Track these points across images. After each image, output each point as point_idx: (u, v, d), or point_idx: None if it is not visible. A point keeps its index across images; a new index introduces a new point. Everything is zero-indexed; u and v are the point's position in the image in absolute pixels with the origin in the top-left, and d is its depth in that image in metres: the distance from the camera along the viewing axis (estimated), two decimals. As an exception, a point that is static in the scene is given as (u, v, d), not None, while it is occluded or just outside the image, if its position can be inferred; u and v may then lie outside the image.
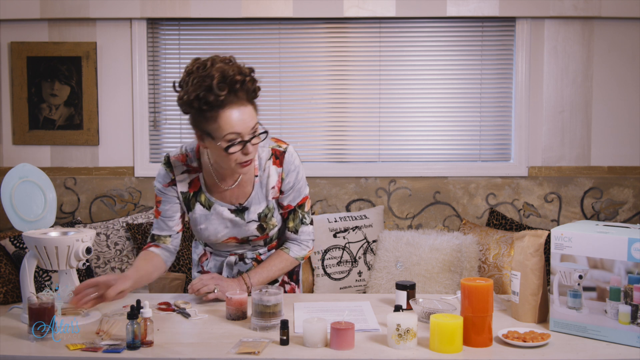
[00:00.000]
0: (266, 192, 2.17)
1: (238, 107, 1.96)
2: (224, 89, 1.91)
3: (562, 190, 3.73)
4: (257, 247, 2.27)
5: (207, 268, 2.31)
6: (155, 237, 2.21)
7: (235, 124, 1.94)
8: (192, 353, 1.70)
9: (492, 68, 3.74)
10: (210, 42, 3.76)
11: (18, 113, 3.72)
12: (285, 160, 2.17)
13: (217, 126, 1.93)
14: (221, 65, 1.93)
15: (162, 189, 2.19)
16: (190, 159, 2.18)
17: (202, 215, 2.17)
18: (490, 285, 1.76)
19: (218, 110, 1.92)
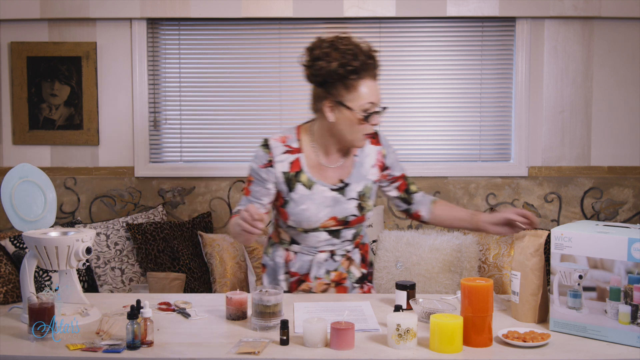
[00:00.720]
0: (365, 172, 2.26)
1: (373, 79, 2.12)
2: (370, 59, 2.09)
3: (562, 190, 3.73)
4: (345, 242, 2.29)
5: (294, 269, 2.28)
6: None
7: (373, 93, 2.10)
8: (192, 353, 1.70)
9: (492, 68, 3.74)
10: (210, 42, 3.76)
11: (18, 113, 3.72)
12: (382, 138, 2.33)
13: (357, 94, 2.08)
14: (351, 40, 2.09)
15: (257, 170, 2.20)
16: (290, 140, 2.23)
17: (304, 195, 2.19)
18: (490, 285, 1.76)
19: (359, 79, 2.08)
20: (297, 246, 2.28)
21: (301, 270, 2.28)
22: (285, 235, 2.29)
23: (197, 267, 3.42)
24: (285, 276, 2.30)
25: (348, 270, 2.31)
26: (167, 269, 3.36)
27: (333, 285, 2.29)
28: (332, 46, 2.08)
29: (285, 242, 2.30)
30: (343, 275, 2.30)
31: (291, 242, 2.29)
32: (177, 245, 3.44)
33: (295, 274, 2.28)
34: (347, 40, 2.09)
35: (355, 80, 2.07)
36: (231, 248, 3.44)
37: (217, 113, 3.80)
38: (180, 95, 3.78)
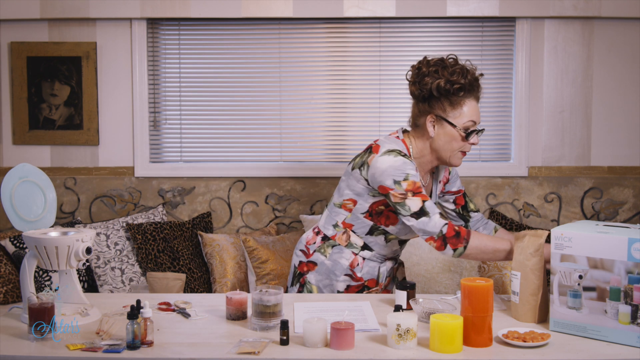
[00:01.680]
0: (437, 189, 2.41)
1: (476, 100, 2.24)
2: (477, 80, 2.23)
3: (562, 190, 3.73)
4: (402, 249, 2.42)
5: (360, 274, 2.32)
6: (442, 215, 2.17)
7: (474, 113, 2.22)
8: (192, 353, 1.70)
9: (492, 68, 3.74)
10: (210, 42, 3.76)
11: (18, 113, 3.72)
12: None
13: (460, 112, 2.21)
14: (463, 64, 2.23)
15: (417, 174, 2.18)
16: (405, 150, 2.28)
17: None
18: (490, 285, 1.76)
19: (465, 98, 2.20)
20: (368, 252, 2.33)
21: (366, 276, 2.33)
22: (357, 239, 2.32)
23: (197, 267, 3.42)
24: (345, 278, 2.32)
25: (394, 276, 2.46)
26: (167, 269, 3.36)
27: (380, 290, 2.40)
28: (440, 64, 2.21)
29: (355, 247, 2.32)
30: (389, 279, 2.42)
31: (363, 247, 2.32)
32: (177, 245, 3.44)
33: (360, 279, 2.32)
34: (455, 60, 2.22)
35: (461, 98, 2.19)
36: (231, 248, 3.44)
37: (217, 113, 3.80)
38: (180, 95, 3.78)
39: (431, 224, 2.10)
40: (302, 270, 2.37)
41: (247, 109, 3.78)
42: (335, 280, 2.31)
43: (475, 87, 2.22)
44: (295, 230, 3.73)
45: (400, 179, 2.14)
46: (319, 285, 2.34)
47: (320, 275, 2.34)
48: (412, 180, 2.14)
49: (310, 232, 2.44)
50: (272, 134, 3.79)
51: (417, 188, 2.14)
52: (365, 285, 2.33)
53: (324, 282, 2.33)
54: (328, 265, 2.33)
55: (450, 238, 2.09)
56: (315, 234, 2.40)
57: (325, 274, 2.33)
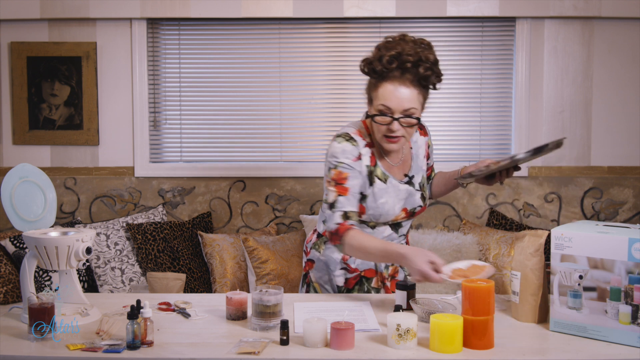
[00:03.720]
0: (420, 163, 2.32)
1: (399, 86, 2.08)
2: (392, 63, 2.05)
3: (562, 190, 3.73)
4: (401, 237, 2.33)
5: (354, 265, 2.29)
6: (349, 214, 2.12)
7: (389, 98, 2.07)
8: (192, 353, 1.70)
9: (492, 68, 3.74)
10: (210, 42, 3.76)
11: (18, 113, 3.72)
12: (427, 129, 2.40)
13: (376, 94, 2.10)
14: (404, 44, 2.07)
15: (352, 164, 2.15)
16: (364, 135, 2.23)
17: (382, 189, 2.20)
18: (491, 286, 1.76)
19: (380, 80, 2.09)
20: None
21: (362, 266, 2.29)
22: None
23: (197, 267, 3.42)
24: (341, 272, 2.30)
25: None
26: (167, 269, 3.36)
27: (389, 280, 2.34)
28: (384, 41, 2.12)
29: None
30: (396, 269, 2.36)
31: None
32: (177, 245, 3.44)
33: (355, 270, 2.29)
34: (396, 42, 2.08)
35: (377, 80, 2.10)
36: (231, 248, 3.44)
37: (217, 113, 3.80)
38: (180, 95, 3.78)
39: (331, 218, 2.13)
40: (306, 270, 2.38)
41: (247, 109, 3.78)
42: (333, 275, 2.31)
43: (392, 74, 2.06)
44: (296, 230, 3.73)
45: (332, 167, 2.16)
46: (320, 282, 2.34)
47: (319, 272, 2.34)
48: (340, 169, 2.14)
49: (310, 232, 2.44)
50: (272, 134, 3.79)
51: (341, 179, 2.13)
52: (363, 276, 2.30)
53: (324, 279, 2.33)
54: (323, 260, 2.33)
55: (333, 234, 2.12)
56: (313, 233, 2.41)
57: (323, 270, 2.33)
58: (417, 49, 2.07)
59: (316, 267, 2.35)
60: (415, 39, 2.11)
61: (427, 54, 2.08)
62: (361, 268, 2.30)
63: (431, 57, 2.09)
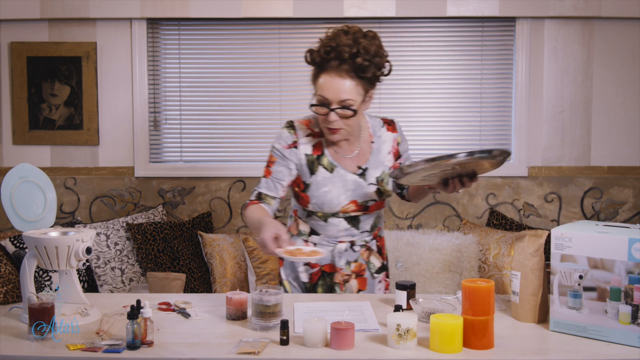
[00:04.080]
0: (382, 158, 2.27)
1: (335, 76, 2.07)
2: (330, 54, 2.06)
3: (562, 190, 3.73)
4: (364, 233, 2.29)
5: (315, 260, 2.28)
6: (262, 195, 2.20)
7: (325, 89, 2.08)
8: (192, 353, 1.70)
9: (492, 68, 3.74)
10: (210, 42, 3.76)
11: (18, 113, 3.72)
12: (398, 126, 2.34)
13: (316, 84, 2.12)
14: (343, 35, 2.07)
15: (282, 150, 2.21)
16: (313, 124, 2.24)
17: (326, 178, 2.20)
18: (491, 286, 1.76)
19: (319, 70, 2.10)
20: (316, 237, 2.29)
21: (322, 261, 2.28)
22: (304, 226, 2.30)
23: (197, 267, 3.42)
24: (304, 267, 2.30)
25: (368, 261, 2.32)
26: (167, 269, 3.36)
27: (354, 277, 2.30)
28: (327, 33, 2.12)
29: (304, 234, 2.31)
30: (363, 267, 2.31)
31: (310, 233, 2.30)
32: (177, 245, 3.44)
33: (316, 265, 2.29)
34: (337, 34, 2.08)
35: (317, 70, 2.11)
36: (231, 248, 3.44)
37: (217, 113, 3.80)
38: (180, 95, 3.78)
39: (252, 194, 2.23)
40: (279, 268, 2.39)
41: (247, 108, 3.78)
42: (298, 272, 2.31)
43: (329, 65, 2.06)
44: (295, 230, 3.73)
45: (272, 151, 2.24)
46: (289, 279, 2.34)
47: (287, 269, 2.35)
48: (272, 153, 2.23)
49: None
50: (272, 134, 3.76)
51: (270, 162, 2.23)
52: (323, 271, 2.29)
53: (292, 276, 2.33)
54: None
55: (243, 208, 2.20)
56: None
57: (290, 268, 2.34)
58: (358, 40, 2.05)
59: (285, 264, 2.36)
60: (358, 30, 2.09)
61: (367, 45, 2.05)
62: (322, 263, 2.28)
63: (371, 48, 2.06)
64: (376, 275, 2.34)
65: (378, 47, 2.09)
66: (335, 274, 2.28)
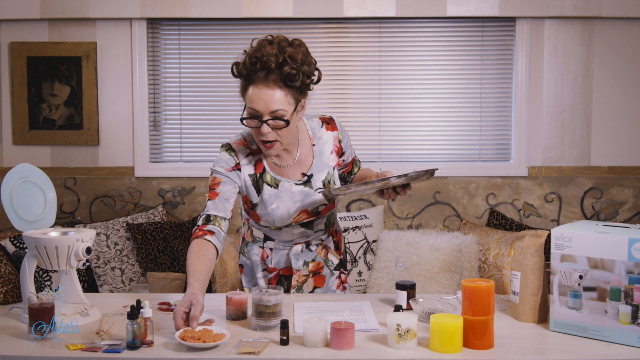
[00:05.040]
0: (325, 159, 2.23)
1: (263, 87, 2.01)
2: (256, 65, 2.00)
3: (562, 190, 3.73)
4: (319, 232, 2.27)
5: (272, 265, 2.27)
6: (212, 217, 2.10)
7: (255, 101, 2.02)
8: (192, 353, 1.70)
9: (492, 68, 3.74)
10: (210, 42, 3.76)
11: (18, 113, 3.72)
12: (337, 123, 2.29)
13: (245, 97, 2.06)
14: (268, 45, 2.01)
15: (225, 172, 2.15)
16: (249, 142, 2.20)
17: (272, 195, 2.16)
18: (491, 286, 1.76)
19: (247, 83, 2.05)
20: (272, 242, 2.27)
21: (279, 265, 2.27)
22: (258, 233, 2.29)
23: (197, 267, 3.42)
24: (263, 273, 2.30)
25: (325, 259, 2.31)
26: (167, 269, 3.36)
27: (311, 276, 2.29)
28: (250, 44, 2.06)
29: (259, 240, 2.29)
30: (320, 265, 2.30)
31: (265, 239, 2.28)
32: (177, 245, 3.44)
33: (274, 269, 2.28)
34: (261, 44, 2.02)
35: (244, 83, 2.06)
36: (231, 248, 3.44)
37: (217, 113, 3.80)
38: (180, 95, 3.78)
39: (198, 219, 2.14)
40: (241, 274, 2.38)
41: (247, 109, 3.78)
42: (257, 278, 2.30)
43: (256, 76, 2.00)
44: (295, 230, 3.73)
45: (210, 174, 2.17)
46: (249, 286, 2.32)
47: (246, 276, 2.34)
48: (214, 175, 2.15)
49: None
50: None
51: (214, 184, 2.14)
52: (281, 275, 2.28)
53: (252, 282, 2.32)
54: (249, 264, 2.32)
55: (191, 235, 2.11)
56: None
57: (250, 274, 2.33)
58: (283, 49, 2.00)
59: (245, 272, 2.35)
60: (283, 39, 2.04)
61: (293, 53, 2.00)
62: (279, 267, 2.28)
63: (298, 56, 2.00)
64: (335, 272, 2.34)
65: (304, 54, 2.03)
66: (292, 276, 2.27)
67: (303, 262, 2.27)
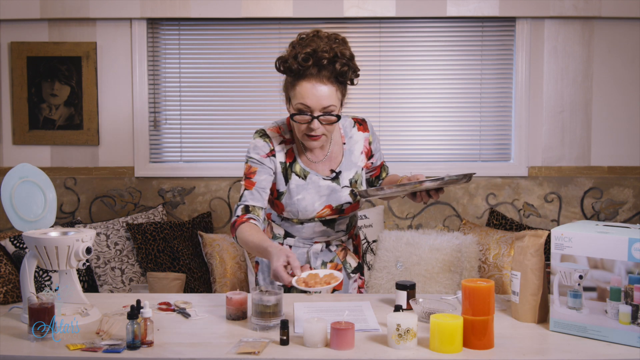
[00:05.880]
0: (355, 159, 2.25)
1: (316, 82, 2.03)
2: (308, 61, 2.01)
3: (562, 190, 3.73)
4: (340, 232, 2.28)
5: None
6: (251, 207, 2.11)
7: (307, 97, 2.03)
8: (192, 353, 1.70)
9: (492, 68, 3.74)
10: (210, 42, 3.76)
11: (18, 113, 3.72)
12: (369, 125, 2.31)
13: (294, 93, 2.06)
14: (318, 40, 2.03)
15: (261, 159, 2.15)
16: (283, 131, 2.21)
17: (299, 186, 2.17)
18: (491, 286, 1.76)
19: (297, 79, 2.04)
20: (292, 239, 2.27)
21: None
22: (279, 229, 2.28)
23: (197, 267, 3.42)
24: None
25: (344, 261, 2.31)
26: (167, 269, 3.36)
27: None
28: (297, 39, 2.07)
29: (279, 237, 2.29)
30: (339, 267, 2.30)
31: (285, 235, 2.28)
32: (177, 245, 3.44)
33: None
34: (311, 39, 2.04)
35: (295, 79, 2.05)
36: (231, 248, 3.44)
37: (217, 113, 3.80)
38: (180, 95, 3.78)
39: (235, 211, 2.15)
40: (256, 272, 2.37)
41: (247, 109, 3.78)
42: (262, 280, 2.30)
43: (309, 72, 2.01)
44: (295, 230, 3.73)
45: (245, 161, 2.19)
46: (265, 283, 2.32)
47: (263, 273, 2.33)
48: (250, 164, 2.17)
49: None
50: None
51: (249, 173, 2.15)
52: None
53: (268, 280, 2.31)
54: (266, 261, 2.30)
55: (231, 227, 2.12)
56: None
57: (267, 272, 2.32)
58: (332, 45, 2.03)
59: (261, 269, 2.34)
60: (329, 35, 2.07)
61: (343, 49, 2.05)
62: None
63: (347, 52, 2.06)
64: (352, 275, 2.33)
65: (350, 50, 2.09)
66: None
67: (322, 261, 2.27)
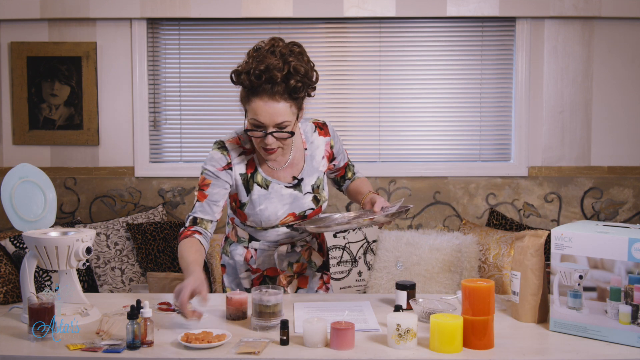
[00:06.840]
0: (316, 164, 2.23)
1: (269, 100, 1.99)
2: (261, 78, 1.97)
3: (562, 190, 3.73)
4: (304, 233, 2.27)
5: (256, 266, 2.26)
6: (198, 220, 2.11)
7: (259, 114, 2.00)
8: (192, 353, 1.70)
9: (492, 68, 3.74)
10: (210, 42, 3.76)
11: (18, 113, 3.72)
12: (330, 129, 2.28)
13: (249, 108, 2.03)
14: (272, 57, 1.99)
15: (216, 172, 2.13)
16: (243, 141, 2.18)
17: (262, 196, 2.16)
18: (491, 286, 1.76)
19: (251, 94, 2.01)
20: (256, 243, 2.26)
21: (263, 265, 2.27)
22: (243, 233, 2.28)
23: (197, 267, 3.42)
24: (246, 274, 2.29)
25: (309, 260, 2.32)
26: (167, 269, 3.36)
27: (295, 277, 2.30)
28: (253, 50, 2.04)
29: (243, 240, 2.28)
30: (304, 266, 2.31)
31: (250, 239, 2.27)
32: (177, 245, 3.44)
33: (257, 270, 2.27)
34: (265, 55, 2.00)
35: (249, 95, 2.02)
36: (231, 248, 3.44)
37: (217, 113, 3.80)
38: (180, 95, 3.78)
39: (186, 219, 2.14)
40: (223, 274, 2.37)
41: (247, 109, 3.78)
42: (240, 279, 2.30)
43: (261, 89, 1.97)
44: (295, 230, 3.73)
45: (201, 172, 2.16)
46: (231, 286, 2.32)
47: (229, 276, 2.33)
48: (204, 176, 2.14)
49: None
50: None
51: (203, 185, 2.13)
52: (265, 275, 2.27)
53: (234, 282, 2.31)
54: (232, 264, 2.31)
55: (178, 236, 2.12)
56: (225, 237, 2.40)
57: (233, 275, 2.32)
58: (288, 59, 1.99)
59: (227, 272, 2.34)
60: (286, 47, 2.02)
61: (297, 65, 1.99)
62: (263, 267, 2.27)
63: (301, 68, 2.00)
64: (317, 273, 2.34)
65: (307, 63, 2.04)
66: (277, 276, 2.27)
67: (288, 262, 2.28)
